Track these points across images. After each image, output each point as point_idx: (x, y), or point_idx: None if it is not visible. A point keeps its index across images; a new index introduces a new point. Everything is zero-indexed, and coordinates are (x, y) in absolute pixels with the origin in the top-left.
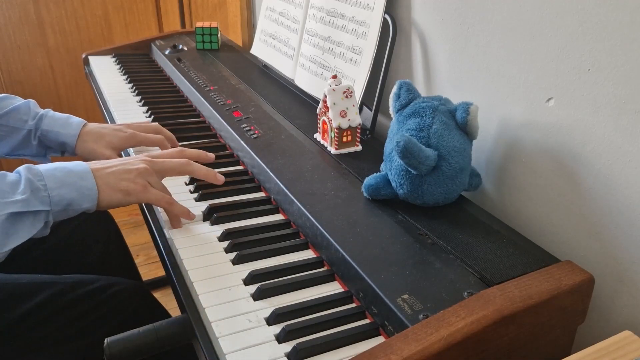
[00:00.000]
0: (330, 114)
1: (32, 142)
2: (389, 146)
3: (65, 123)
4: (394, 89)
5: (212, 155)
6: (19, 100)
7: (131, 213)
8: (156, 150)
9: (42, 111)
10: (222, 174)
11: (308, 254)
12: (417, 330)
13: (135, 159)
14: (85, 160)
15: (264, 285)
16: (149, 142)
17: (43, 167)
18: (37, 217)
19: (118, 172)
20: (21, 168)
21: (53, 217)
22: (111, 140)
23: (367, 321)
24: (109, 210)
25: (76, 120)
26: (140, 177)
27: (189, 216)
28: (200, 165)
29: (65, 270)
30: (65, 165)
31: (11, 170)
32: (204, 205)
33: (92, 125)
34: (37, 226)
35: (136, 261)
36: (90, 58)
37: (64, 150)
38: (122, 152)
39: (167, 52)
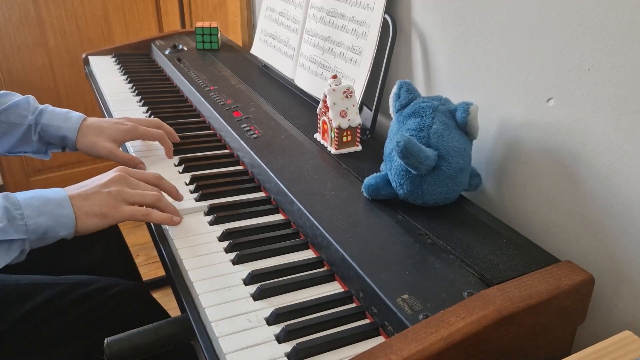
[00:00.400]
0: (330, 114)
1: (32, 137)
2: (389, 146)
3: (65, 117)
4: (394, 89)
5: (181, 197)
6: (18, 96)
7: None
8: (154, 149)
9: (41, 106)
10: (222, 174)
11: (308, 254)
12: (417, 330)
13: (108, 178)
14: (87, 154)
15: (264, 285)
16: (149, 136)
17: (21, 196)
18: (12, 246)
19: (92, 196)
20: None
21: (29, 245)
22: (112, 134)
23: (367, 321)
24: None
25: (76, 114)
26: (112, 199)
27: (172, 221)
28: (167, 203)
29: (66, 271)
30: (43, 193)
31: (12, 169)
32: (204, 205)
33: (92, 119)
34: (11, 255)
35: (136, 261)
36: (90, 58)
37: (64, 146)
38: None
39: (167, 52)
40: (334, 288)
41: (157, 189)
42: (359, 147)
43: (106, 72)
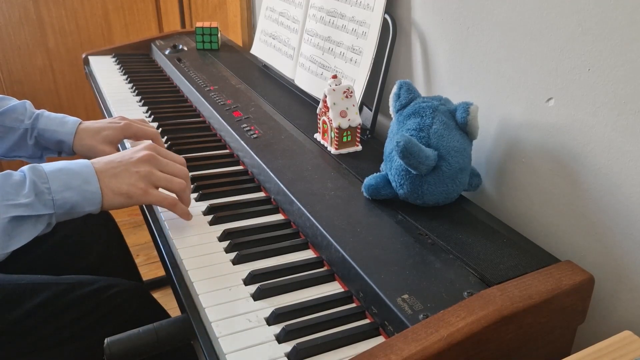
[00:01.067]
0: (330, 114)
1: (28, 142)
2: (389, 146)
3: (61, 122)
4: (394, 89)
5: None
6: (14, 101)
7: (131, 213)
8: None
9: (37, 111)
10: (222, 174)
11: (308, 254)
12: (417, 330)
13: (138, 155)
14: (84, 158)
15: (264, 285)
16: (142, 133)
17: (47, 168)
18: (39, 220)
19: (121, 175)
20: (25, 168)
21: (56, 219)
22: (108, 134)
23: (367, 321)
24: (109, 211)
25: (72, 119)
26: (141, 181)
27: (189, 217)
28: (189, 195)
29: (66, 271)
30: (70, 166)
31: (12, 169)
32: (204, 205)
33: (88, 123)
34: (39, 228)
35: (136, 261)
36: (90, 58)
37: (60, 150)
38: (118, 147)
39: (167, 52)
40: (334, 288)
41: (185, 176)
42: (359, 147)
43: (106, 72)
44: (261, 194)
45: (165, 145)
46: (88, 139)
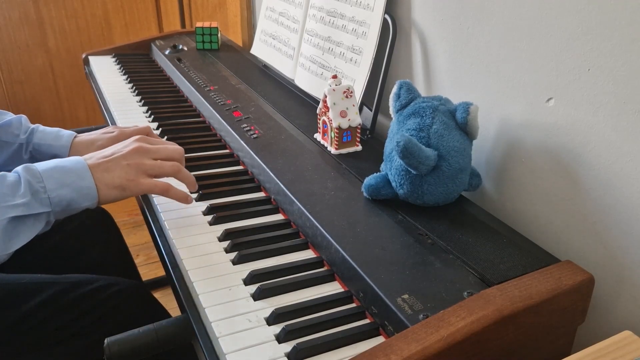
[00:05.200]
0: (330, 114)
1: (23, 156)
2: (389, 146)
3: (56, 136)
4: (394, 89)
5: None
6: (10, 115)
7: (131, 213)
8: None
9: (32, 126)
10: (222, 174)
11: (308, 254)
12: (417, 330)
13: (127, 148)
14: None
15: (264, 285)
16: (137, 134)
17: (41, 167)
18: (38, 219)
19: (112, 168)
20: (19, 168)
21: (54, 216)
22: (102, 144)
23: (367, 321)
24: (108, 210)
25: (66, 133)
26: (133, 172)
27: (187, 200)
28: (186, 173)
29: (65, 270)
30: (64, 164)
31: None
32: (204, 205)
33: (82, 136)
34: (38, 227)
35: (136, 261)
36: (90, 58)
37: None
38: None
39: (167, 52)
40: (334, 288)
41: (179, 155)
42: (359, 147)
43: (106, 72)
44: (261, 194)
45: None
46: (83, 151)
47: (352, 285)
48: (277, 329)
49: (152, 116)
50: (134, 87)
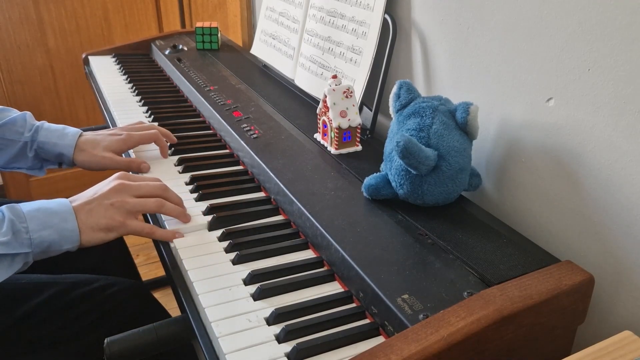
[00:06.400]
0: (330, 114)
1: (28, 154)
2: (389, 146)
3: (61, 134)
4: (394, 89)
5: (188, 218)
6: (15, 112)
7: None
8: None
9: (37, 123)
10: (222, 174)
11: (308, 254)
12: (417, 330)
13: (108, 187)
14: (86, 169)
15: (264, 285)
16: (145, 140)
17: (25, 208)
18: (15, 260)
19: (96, 210)
20: (3, 207)
21: (33, 258)
22: (108, 145)
23: (367, 321)
24: None
25: (72, 130)
26: (117, 213)
27: (174, 236)
28: (172, 206)
29: (65, 271)
30: (48, 205)
31: (7, 178)
32: (204, 205)
33: (88, 134)
34: (15, 267)
35: (136, 261)
36: (90, 58)
37: (61, 162)
38: (123, 155)
39: (167, 52)
40: (334, 288)
41: (161, 191)
42: (359, 147)
43: (106, 72)
44: (261, 194)
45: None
46: (88, 151)
47: (352, 285)
48: (277, 329)
49: (152, 116)
50: (134, 87)
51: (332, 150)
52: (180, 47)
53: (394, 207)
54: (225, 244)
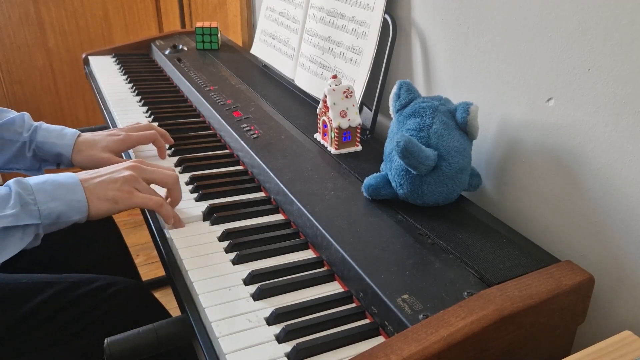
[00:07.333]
0: (330, 114)
1: (26, 154)
2: (389, 146)
3: (60, 134)
4: (394, 89)
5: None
6: (13, 113)
7: (131, 213)
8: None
9: (36, 123)
10: (222, 174)
11: (308, 254)
12: (417, 330)
13: (122, 166)
14: (84, 169)
15: (264, 285)
16: (143, 140)
17: (33, 181)
18: (26, 231)
19: (105, 181)
20: (11, 182)
21: (43, 230)
22: (107, 145)
23: (367, 321)
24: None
25: (70, 131)
26: (126, 185)
27: (178, 222)
28: (170, 210)
29: (65, 270)
30: (55, 178)
31: (7, 179)
32: (204, 205)
33: (86, 135)
34: (26, 240)
35: (136, 261)
36: (90, 58)
37: (59, 162)
38: (122, 155)
39: (167, 52)
40: (334, 288)
41: (172, 181)
42: (359, 147)
43: (106, 72)
44: (261, 194)
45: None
46: (87, 150)
47: (352, 285)
48: (277, 329)
49: (152, 116)
50: (134, 87)
51: (332, 150)
52: (180, 47)
53: (394, 207)
54: (225, 244)
